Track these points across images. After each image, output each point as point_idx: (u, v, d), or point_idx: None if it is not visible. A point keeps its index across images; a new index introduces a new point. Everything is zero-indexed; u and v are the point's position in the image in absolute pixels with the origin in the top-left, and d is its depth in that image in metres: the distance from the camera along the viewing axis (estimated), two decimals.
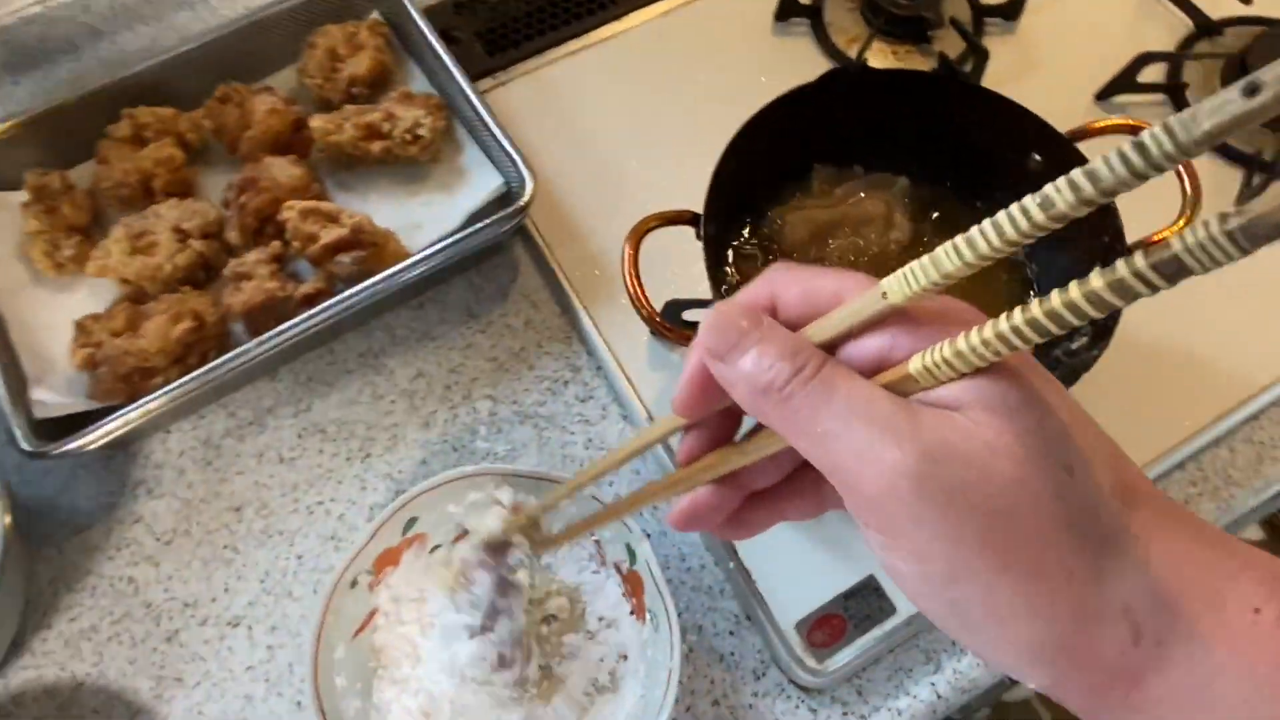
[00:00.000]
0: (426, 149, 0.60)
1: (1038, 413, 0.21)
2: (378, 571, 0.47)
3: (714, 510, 0.28)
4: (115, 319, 0.53)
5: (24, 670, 0.50)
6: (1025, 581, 0.21)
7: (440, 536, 0.48)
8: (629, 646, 0.47)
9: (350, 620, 0.46)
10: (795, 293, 0.25)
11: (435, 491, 0.47)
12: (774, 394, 0.23)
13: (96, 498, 0.55)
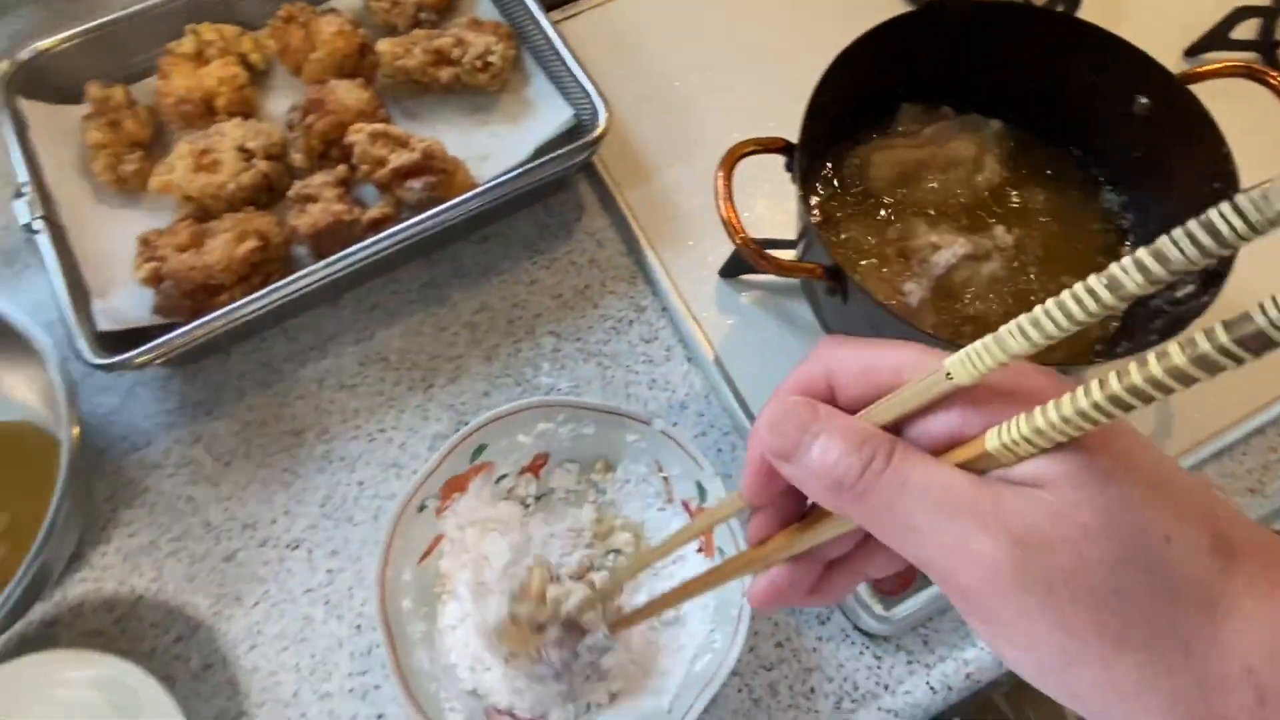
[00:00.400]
0: (496, 77, 0.59)
1: (1128, 483, 0.20)
2: (444, 498, 0.46)
3: (793, 586, 0.28)
4: (179, 235, 0.53)
5: (83, 582, 0.50)
6: (1143, 659, 0.20)
7: (507, 466, 0.47)
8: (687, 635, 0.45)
9: (417, 544, 0.45)
10: (853, 372, 0.24)
11: (505, 420, 0.46)
12: (847, 492, 0.22)
13: (155, 416, 0.54)
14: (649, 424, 0.46)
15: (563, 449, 0.48)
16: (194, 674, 0.48)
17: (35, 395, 0.52)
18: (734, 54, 0.63)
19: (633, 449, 0.48)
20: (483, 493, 0.47)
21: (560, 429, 0.47)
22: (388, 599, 0.43)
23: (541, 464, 0.48)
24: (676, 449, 0.46)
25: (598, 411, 0.47)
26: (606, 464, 0.49)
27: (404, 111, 0.61)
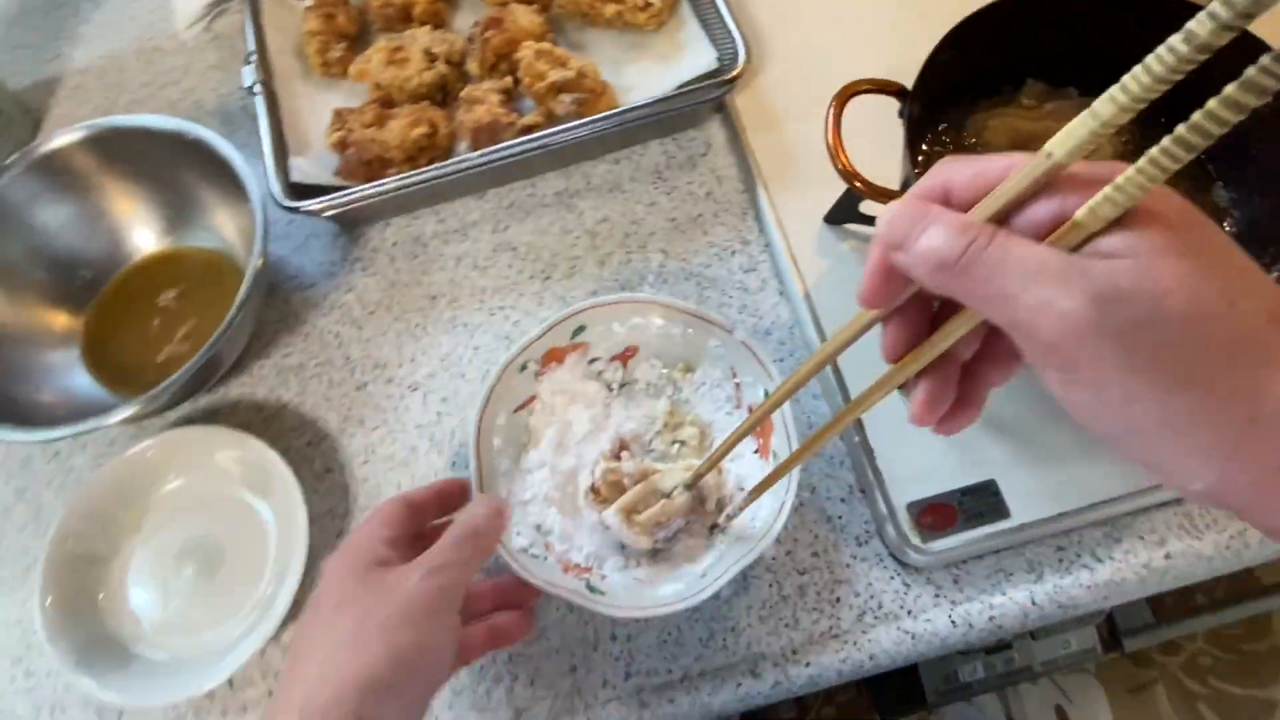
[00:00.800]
0: (654, 18, 0.65)
1: (1202, 257, 0.24)
2: (544, 364, 0.52)
3: (943, 397, 0.31)
4: (365, 114, 0.62)
5: (241, 386, 0.60)
6: (1197, 398, 0.24)
7: (600, 351, 0.53)
8: (747, 479, 0.50)
9: (515, 396, 0.52)
10: (966, 176, 0.27)
11: (606, 308, 0.51)
12: (952, 267, 0.25)
13: (321, 265, 0.64)
14: (731, 332, 0.50)
15: (650, 345, 0.53)
16: (316, 474, 0.57)
17: (234, 232, 0.63)
18: (886, 22, 0.66)
19: (712, 354, 0.52)
20: (576, 369, 0.53)
21: (651, 325, 0.52)
22: (483, 432, 0.50)
23: (630, 355, 0.53)
24: (752, 358, 0.50)
25: (687, 315, 0.51)
26: (687, 365, 0.53)
27: (570, 41, 0.68)
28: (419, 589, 0.36)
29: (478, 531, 0.40)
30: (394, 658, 0.34)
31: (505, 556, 0.45)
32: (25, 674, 0.53)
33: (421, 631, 0.36)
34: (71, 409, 0.56)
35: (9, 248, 0.59)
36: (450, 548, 0.39)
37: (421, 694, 0.36)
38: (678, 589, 0.46)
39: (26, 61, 0.77)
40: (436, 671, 0.37)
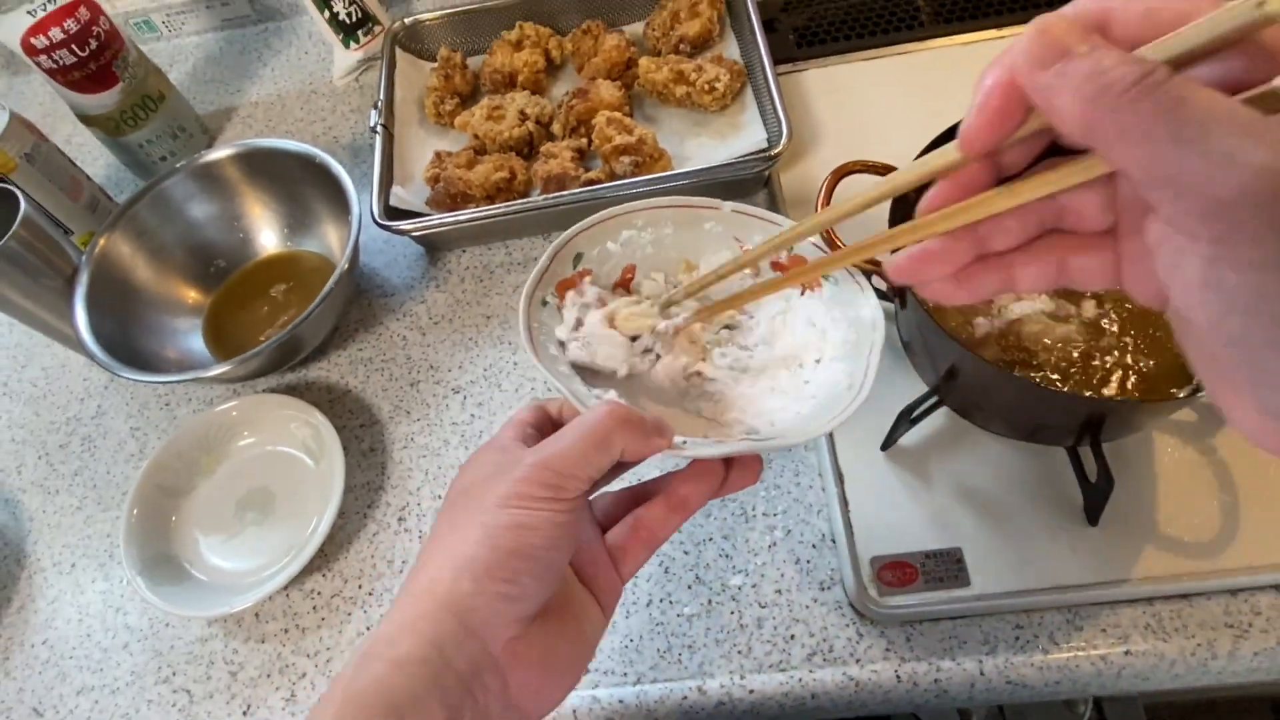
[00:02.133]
0: (718, 100, 0.73)
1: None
2: (560, 296, 0.46)
3: (941, 260, 0.27)
4: (459, 158, 0.73)
5: (318, 369, 0.71)
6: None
7: (603, 275, 0.47)
8: (814, 312, 0.45)
9: (551, 333, 0.45)
10: (1134, 11, 0.23)
11: (595, 229, 0.46)
12: (1115, 96, 0.21)
13: (404, 278, 0.74)
14: (719, 208, 0.46)
15: (647, 257, 0.48)
16: (361, 451, 0.65)
17: (339, 243, 0.75)
18: (930, 112, 0.72)
19: (711, 236, 0.47)
20: (583, 300, 0.46)
21: (642, 234, 0.47)
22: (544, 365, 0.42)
23: (630, 277, 0.48)
24: (753, 220, 0.46)
25: (673, 208, 0.47)
26: (689, 263, 0.48)
27: (645, 114, 0.78)
28: (521, 474, 0.33)
29: (596, 424, 0.35)
30: (488, 539, 0.32)
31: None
32: (104, 576, 0.64)
33: (518, 515, 0.32)
34: (185, 367, 0.68)
35: (166, 232, 0.73)
36: (562, 437, 0.35)
37: (527, 576, 0.32)
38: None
39: (214, 92, 0.94)
40: (539, 556, 0.32)
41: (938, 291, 0.29)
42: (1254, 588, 0.51)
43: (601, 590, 0.37)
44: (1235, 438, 0.54)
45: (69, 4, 0.72)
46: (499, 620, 0.32)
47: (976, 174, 0.27)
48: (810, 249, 0.44)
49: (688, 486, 0.38)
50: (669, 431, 0.36)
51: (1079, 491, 0.53)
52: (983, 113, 0.24)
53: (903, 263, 0.28)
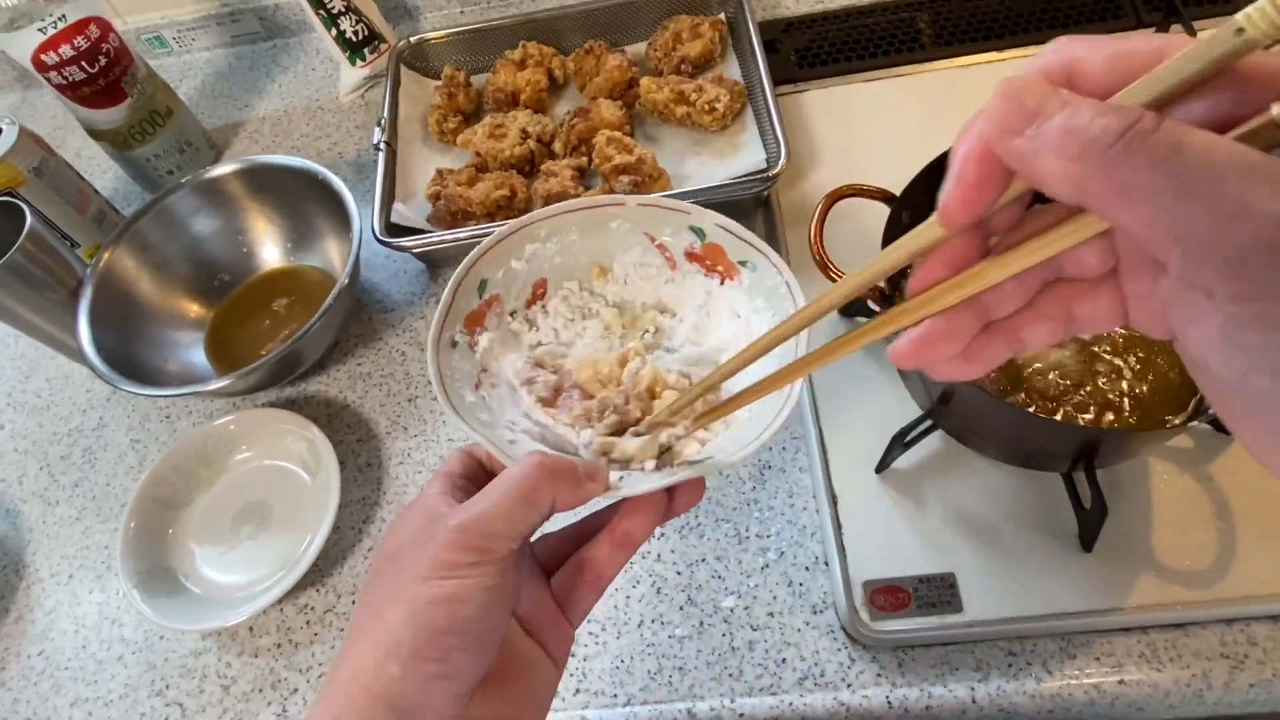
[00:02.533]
0: (718, 120, 0.73)
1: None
2: (470, 333, 0.42)
3: (947, 338, 0.26)
4: (461, 175, 0.73)
5: (317, 383, 0.71)
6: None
7: (512, 300, 0.44)
8: (735, 302, 0.43)
9: (467, 375, 0.41)
10: (1100, 59, 0.21)
11: (495, 250, 0.43)
12: (1103, 150, 0.19)
13: (403, 294, 0.75)
14: (624, 204, 0.43)
15: (555, 267, 0.45)
16: (358, 466, 0.66)
17: (341, 258, 0.75)
18: (922, 146, 0.72)
19: (619, 236, 0.44)
20: (500, 329, 0.44)
21: (547, 245, 0.44)
22: (466, 418, 0.38)
23: (542, 293, 0.45)
24: (659, 212, 0.43)
25: (576, 211, 0.44)
26: (601, 267, 0.45)
27: (646, 134, 0.78)
28: (444, 540, 0.31)
29: (521, 478, 0.32)
30: (413, 618, 0.30)
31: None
32: (101, 588, 0.64)
33: (444, 588, 0.30)
34: (186, 380, 0.69)
35: (170, 246, 0.74)
36: (486, 495, 0.32)
37: (459, 653, 0.30)
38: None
39: (222, 107, 0.95)
40: (470, 629, 0.30)
41: (948, 371, 0.27)
42: (1250, 618, 0.50)
43: (550, 641, 0.35)
44: (1232, 466, 0.54)
45: (79, 21, 0.73)
46: (434, 703, 0.30)
47: (964, 245, 0.25)
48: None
49: (630, 521, 0.36)
50: (602, 476, 0.35)
51: (1074, 518, 0.53)
52: (960, 185, 0.23)
53: (906, 349, 0.26)
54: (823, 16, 0.85)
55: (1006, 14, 0.81)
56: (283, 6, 0.97)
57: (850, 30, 0.82)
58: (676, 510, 0.37)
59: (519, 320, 0.44)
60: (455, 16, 0.96)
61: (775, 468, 0.60)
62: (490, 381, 0.42)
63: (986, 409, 0.49)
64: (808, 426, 0.61)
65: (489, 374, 0.42)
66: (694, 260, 0.44)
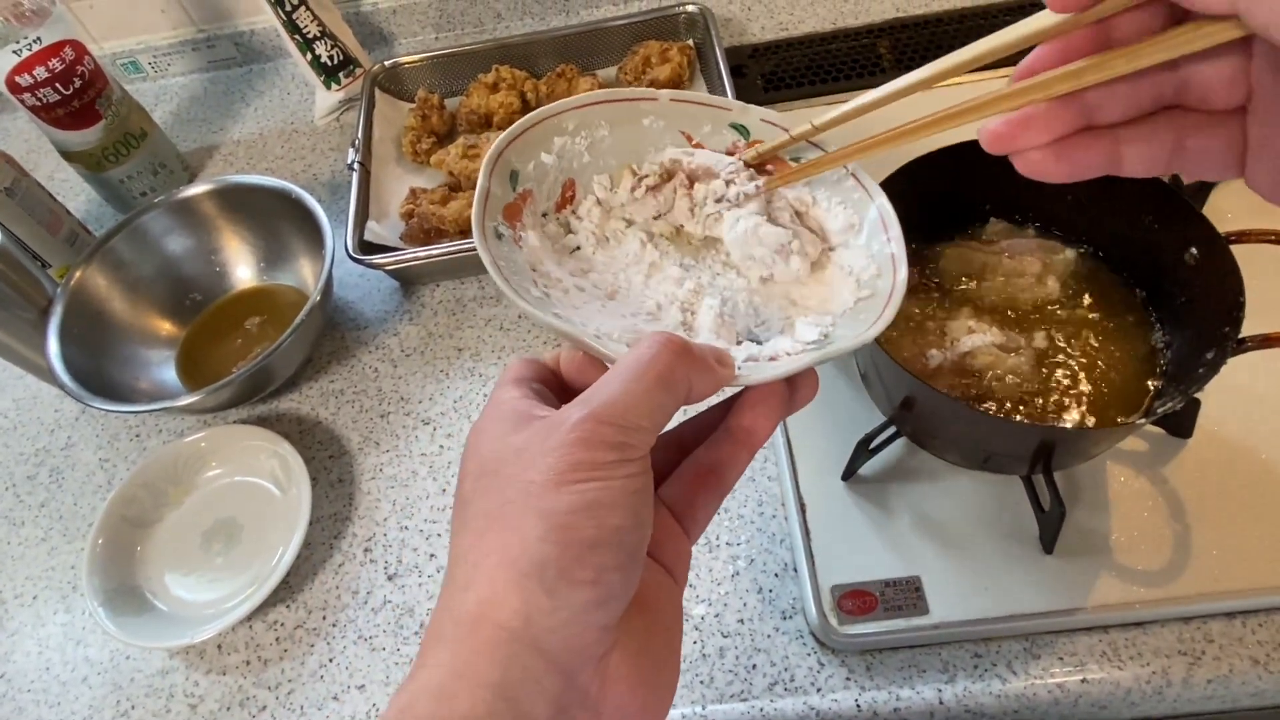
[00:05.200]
0: None
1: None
2: (512, 224, 0.38)
3: (1043, 125, 0.24)
4: (434, 194, 0.74)
5: (289, 400, 0.71)
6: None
7: (543, 199, 0.40)
8: (795, 200, 0.39)
9: (522, 269, 0.37)
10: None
11: (522, 139, 0.39)
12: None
13: (377, 311, 0.75)
14: (657, 99, 0.40)
15: (584, 167, 0.41)
16: (329, 482, 0.66)
17: (312, 279, 0.76)
18: (883, 163, 0.74)
19: (652, 133, 0.41)
20: (537, 229, 0.39)
21: (575, 140, 0.40)
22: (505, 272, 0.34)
23: (571, 195, 0.41)
24: (696, 108, 0.40)
25: (606, 103, 0.40)
26: (632, 169, 0.41)
27: None
28: (575, 436, 0.25)
29: (654, 358, 0.27)
30: (555, 531, 0.24)
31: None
32: (66, 609, 0.63)
33: (588, 492, 0.24)
34: (157, 398, 0.68)
35: (143, 266, 0.74)
36: (612, 382, 0.26)
37: (614, 572, 0.25)
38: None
39: (196, 130, 0.96)
40: (623, 541, 0.25)
41: (1035, 164, 0.25)
42: (1206, 615, 0.51)
43: (670, 557, 0.29)
44: (1186, 468, 0.56)
45: (54, 44, 0.74)
46: (585, 638, 0.24)
47: (1082, 39, 0.23)
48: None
49: (753, 414, 0.30)
50: (730, 361, 0.30)
51: (1034, 520, 0.54)
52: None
53: (999, 128, 0.25)
54: (787, 42, 0.88)
55: (961, 39, 0.83)
56: (258, 32, 0.99)
57: (814, 55, 0.85)
58: (799, 402, 0.32)
59: (552, 223, 0.40)
60: (429, 41, 0.98)
61: (745, 477, 0.61)
62: (544, 283, 0.37)
63: (946, 412, 0.50)
64: (776, 436, 0.62)
65: (540, 275, 0.37)
66: (748, 167, 0.39)
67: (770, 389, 0.31)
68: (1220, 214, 0.65)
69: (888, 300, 0.33)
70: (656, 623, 0.27)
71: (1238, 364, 0.46)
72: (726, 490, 0.31)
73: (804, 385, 0.32)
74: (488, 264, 0.33)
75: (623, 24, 0.84)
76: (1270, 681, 0.49)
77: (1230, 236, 0.48)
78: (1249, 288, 0.46)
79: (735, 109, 0.39)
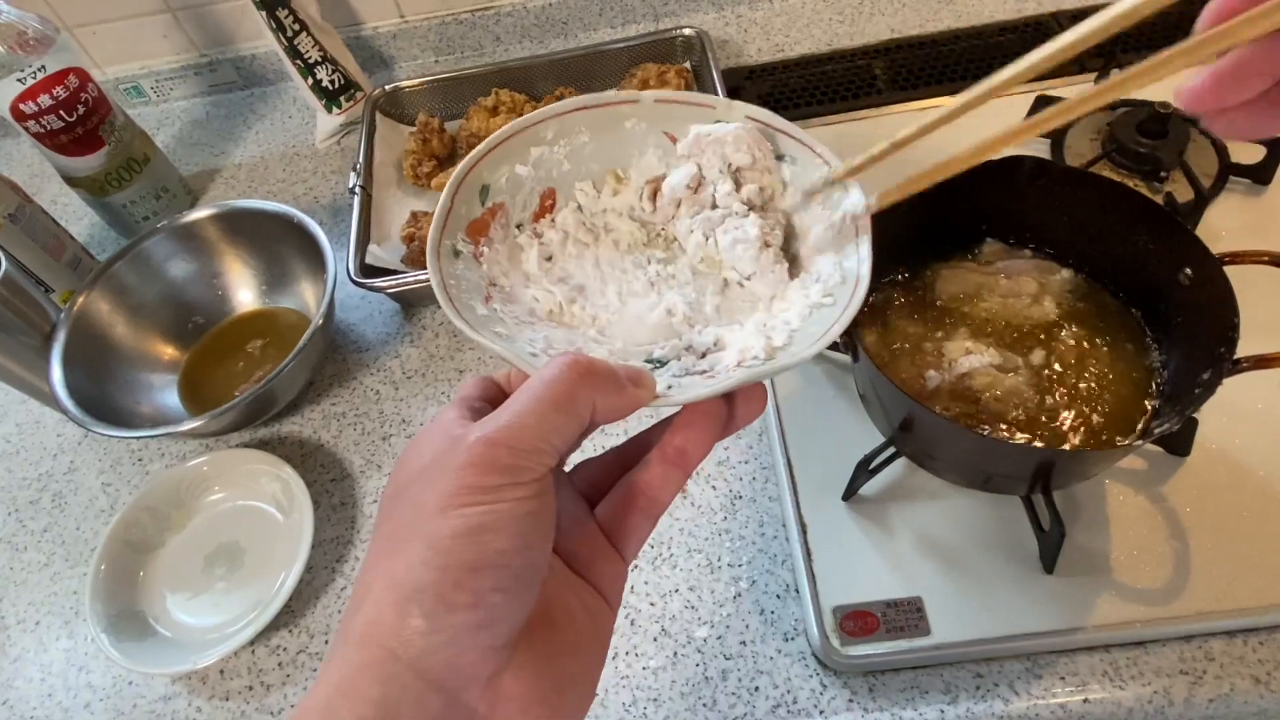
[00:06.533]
0: None
1: None
2: (474, 242, 0.37)
3: (1249, 77, 0.22)
4: None
5: (292, 424, 0.71)
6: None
7: (518, 211, 0.39)
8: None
9: (475, 287, 0.36)
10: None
11: (496, 151, 0.38)
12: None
13: (379, 334, 0.76)
14: (639, 100, 0.39)
15: (564, 175, 0.39)
16: (332, 505, 0.66)
17: (314, 302, 0.76)
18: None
19: (636, 137, 0.39)
20: (506, 241, 0.39)
21: (554, 150, 0.39)
22: (465, 317, 0.33)
23: (550, 204, 0.40)
24: (680, 107, 0.39)
25: (586, 109, 0.39)
26: (617, 175, 0.40)
27: None
28: (466, 459, 0.25)
29: (554, 380, 0.27)
30: (436, 557, 0.24)
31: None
32: (69, 634, 0.63)
33: (470, 517, 0.24)
34: (159, 423, 0.69)
35: (146, 290, 0.74)
36: (512, 404, 0.27)
37: (496, 594, 0.25)
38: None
39: (199, 154, 0.97)
40: (507, 564, 0.25)
41: (1240, 122, 0.23)
42: (1207, 634, 0.52)
43: (601, 578, 0.30)
44: (1185, 486, 0.56)
45: (59, 72, 0.75)
46: (467, 658, 0.24)
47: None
48: None
49: (685, 435, 0.30)
50: (648, 381, 0.29)
51: (1035, 540, 0.54)
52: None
53: (1204, 83, 0.22)
54: (783, 64, 0.89)
55: (956, 60, 0.85)
56: (260, 56, 1.00)
57: (810, 77, 0.86)
58: (739, 422, 0.31)
59: (526, 234, 0.39)
60: (429, 65, 0.99)
61: (745, 498, 0.61)
62: (501, 298, 0.36)
63: (944, 434, 0.50)
64: (776, 456, 0.62)
65: (499, 289, 0.37)
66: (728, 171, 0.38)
67: (704, 408, 0.30)
68: (1214, 234, 0.67)
69: (842, 312, 0.32)
70: (565, 643, 0.27)
71: (1236, 382, 0.46)
72: (659, 512, 0.31)
73: (746, 403, 0.31)
74: (433, 279, 0.33)
75: (621, 47, 0.85)
76: (1272, 700, 0.49)
77: (1224, 257, 0.49)
78: (1244, 308, 0.46)
79: (720, 106, 0.38)
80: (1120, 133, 0.72)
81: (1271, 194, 0.70)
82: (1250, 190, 0.70)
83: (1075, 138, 0.75)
